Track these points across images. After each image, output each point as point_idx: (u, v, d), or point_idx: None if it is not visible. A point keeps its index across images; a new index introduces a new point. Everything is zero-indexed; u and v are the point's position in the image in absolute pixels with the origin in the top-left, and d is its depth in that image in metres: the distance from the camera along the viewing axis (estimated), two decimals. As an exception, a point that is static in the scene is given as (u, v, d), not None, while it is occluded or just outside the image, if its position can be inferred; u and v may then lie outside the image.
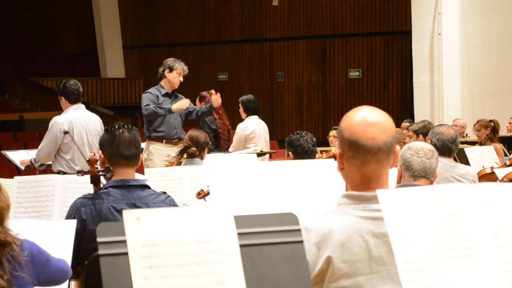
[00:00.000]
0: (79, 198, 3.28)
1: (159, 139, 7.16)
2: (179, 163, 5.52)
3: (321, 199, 2.78)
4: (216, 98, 7.28)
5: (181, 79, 7.22)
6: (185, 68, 7.25)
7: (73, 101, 6.11)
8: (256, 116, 7.97)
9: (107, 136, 3.28)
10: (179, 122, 7.25)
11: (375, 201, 1.99)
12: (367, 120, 2.06)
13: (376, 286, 2.00)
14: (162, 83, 7.24)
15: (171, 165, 5.76)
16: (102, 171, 3.25)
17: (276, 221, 1.71)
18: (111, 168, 3.25)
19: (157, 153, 7.14)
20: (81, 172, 3.52)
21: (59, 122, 6.03)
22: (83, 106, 6.20)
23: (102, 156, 3.28)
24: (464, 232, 1.73)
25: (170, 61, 7.26)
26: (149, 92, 7.23)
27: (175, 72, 7.16)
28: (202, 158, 5.39)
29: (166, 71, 7.19)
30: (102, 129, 6.32)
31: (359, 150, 2.05)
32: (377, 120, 2.07)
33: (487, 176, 5.81)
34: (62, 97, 6.13)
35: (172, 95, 7.26)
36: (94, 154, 3.29)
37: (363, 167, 2.05)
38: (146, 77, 17.13)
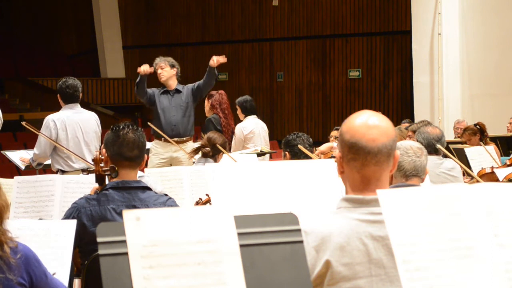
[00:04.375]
0: (80, 198, 3.27)
1: (158, 137, 7.18)
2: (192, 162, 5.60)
3: (321, 200, 2.78)
4: (218, 58, 7.27)
5: (161, 71, 7.35)
6: (157, 60, 7.43)
7: (67, 101, 6.14)
8: (255, 116, 7.96)
9: (111, 136, 3.27)
10: (178, 119, 7.26)
11: (374, 204, 2.00)
12: (367, 123, 2.08)
13: (375, 289, 2.00)
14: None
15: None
16: (107, 170, 3.23)
17: (276, 221, 1.71)
18: (116, 168, 3.23)
19: (155, 151, 7.16)
20: (86, 171, 3.50)
21: (51, 119, 6.06)
22: (78, 105, 6.22)
23: (106, 155, 3.27)
24: (464, 232, 1.73)
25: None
26: (150, 89, 7.46)
27: (157, 73, 7.39)
28: (216, 161, 5.45)
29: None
30: (98, 126, 6.33)
31: (359, 152, 2.05)
32: (377, 123, 2.08)
33: (488, 176, 5.82)
34: (58, 95, 6.18)
35: (173, 91, 7.34)
36: (100, 153, 3.27)
37: (363, 169, 2.06)
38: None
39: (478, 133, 7.98)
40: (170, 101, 7.28)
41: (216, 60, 7.23)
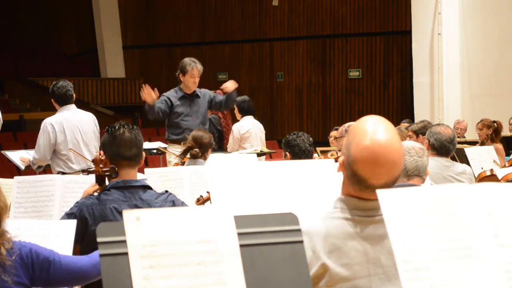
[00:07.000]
0: (83, 198, 3.27)
1: (177, 142, 7.06)
2: (182, 163, 5.51)
3: (321, 199, 2.78)
4: (229, 85, 7.10)
5: (196, 80, 7.05)
6: (199, 67, 7.07)
7: (62, 103, 6.12)
8: (251, 116, 7.95)
9: (108, 137, 3.27)
10: (197, 124, 7.06)
11: (372, 204, 1.99)
12: (378, 158, 1.96)
13: (374, 289, 2.00)
14: (181, 85, 7.13)
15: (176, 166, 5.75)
16: (107, 171, 3.23)
17: (276, 221, 1.71)
18: (116, 168, 3.23)
19: (174, 152, 7.09)
20: (86, 171, 3.50)
21: (48, 123, 6.04)
22: (73, 105, 6.19)
23: (104, 157, 3.27)
24: (464, 232, 1.72)
25: (184, 63, 7.10)
26: (164, 94, 7.16)
27: (188, 75, 7.02)
28: (205, 158, 5.38)
29: (180, 75, 7.09)
30: (96, 126, 6.31)
31: (361, 183, 2.00)
32: (389, 158, 1.96)
33: (487, 179, 5.80)
34: (52, 99, 6.16)
35: (192, 97, 7.12)
36: (100, 154, 3.28)
37: (361, 192, 2.01)
38: (146, 77, 17.11)
39: (492, 129, 7.98)
40: (189, 107, 7.09)
41: (228, 86, 7.05)
